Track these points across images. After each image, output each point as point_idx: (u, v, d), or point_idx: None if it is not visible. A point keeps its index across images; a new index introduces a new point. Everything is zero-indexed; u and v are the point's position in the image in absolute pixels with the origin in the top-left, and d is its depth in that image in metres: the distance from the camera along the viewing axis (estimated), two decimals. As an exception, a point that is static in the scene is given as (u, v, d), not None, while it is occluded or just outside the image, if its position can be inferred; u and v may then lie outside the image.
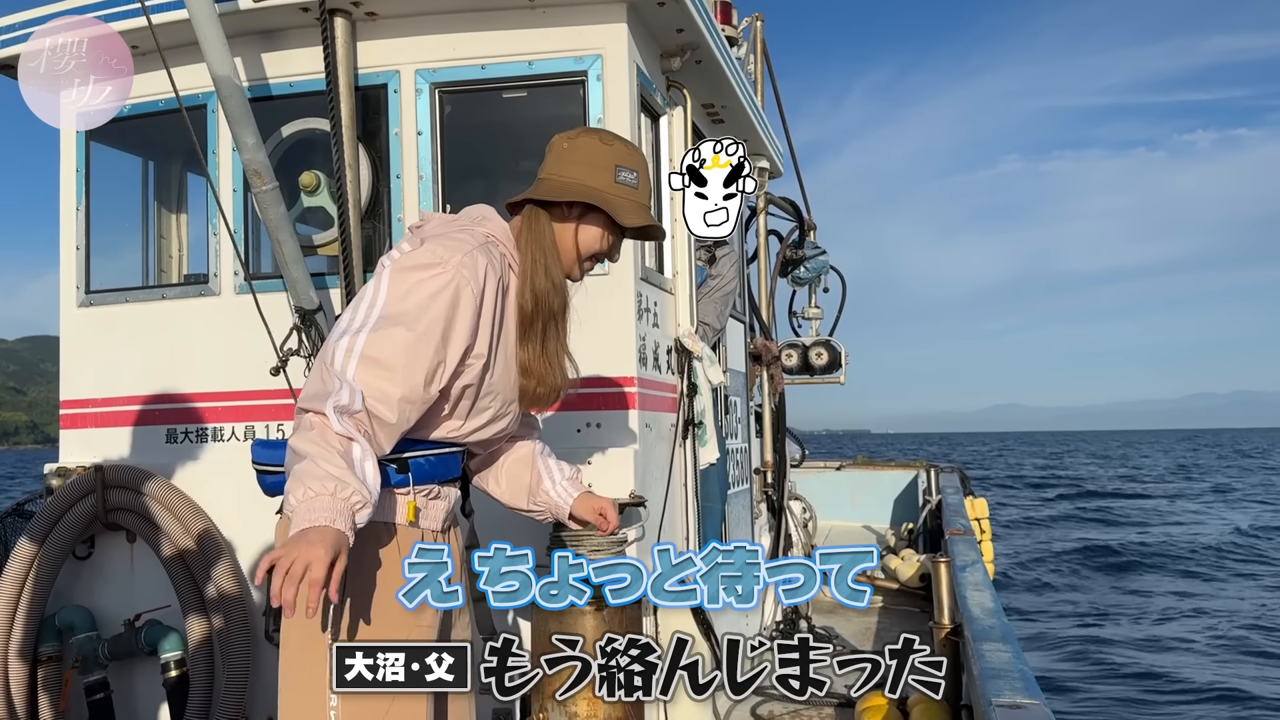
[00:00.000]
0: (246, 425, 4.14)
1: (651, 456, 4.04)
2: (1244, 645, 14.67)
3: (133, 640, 4.06)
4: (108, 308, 4.41)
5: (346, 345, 2.23)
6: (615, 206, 2.50)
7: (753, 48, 6.91)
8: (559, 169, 2.52)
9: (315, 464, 2.09)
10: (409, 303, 2.26)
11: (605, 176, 2.51)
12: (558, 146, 2.56)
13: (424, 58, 3.99)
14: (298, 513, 2.05)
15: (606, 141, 2.56)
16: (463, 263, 2.29)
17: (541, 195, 2.50)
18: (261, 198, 3.58)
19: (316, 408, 2.17)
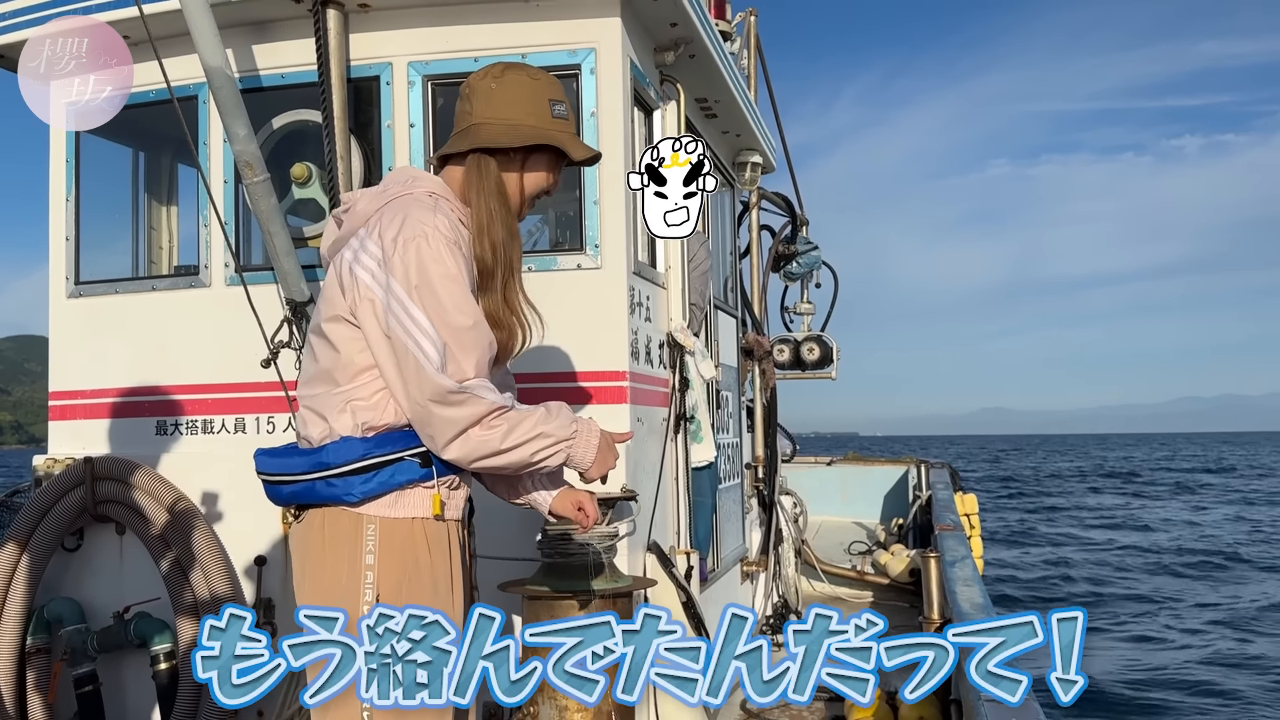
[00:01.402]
0: (237, 417, 4.13)
1: (643, 451, 4.04)
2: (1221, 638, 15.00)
3: (122, 632, 4.05)
4: (97, 299, 4.39)
5: (427, 347, 2.25)
6: (565, 143, 2.49)
7: (746, 43, 6.90)
8: (494, 111, 2.45)
9: (545, 435, 2.35)
10: (445, 290, 2.27)
11: (543, 112, 2.47)
12: (483, 88, 2.47)
13: (417, 50, 3.98)
14: (579, 459, 2.42)
15: (534, 75, 2.51)
16: (437, 224, 2.30)
17: (489, 142, 2.44)
18: (253, 189, 3.56)
19: (471, 419, 2.26)
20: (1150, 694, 11.90)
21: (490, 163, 2.45)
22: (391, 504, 2.36)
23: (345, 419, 2.36)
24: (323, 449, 2.36)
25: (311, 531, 2.39)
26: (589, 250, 3.89)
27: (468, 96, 2.49)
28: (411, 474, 2.36)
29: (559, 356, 3.89)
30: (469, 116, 2.48)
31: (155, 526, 4.00)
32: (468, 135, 2.46)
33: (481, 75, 2.50)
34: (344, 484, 2.33)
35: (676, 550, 4.39)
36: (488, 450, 2.28)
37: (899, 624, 7.22)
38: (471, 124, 2.46)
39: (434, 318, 2.25)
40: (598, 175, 3.88)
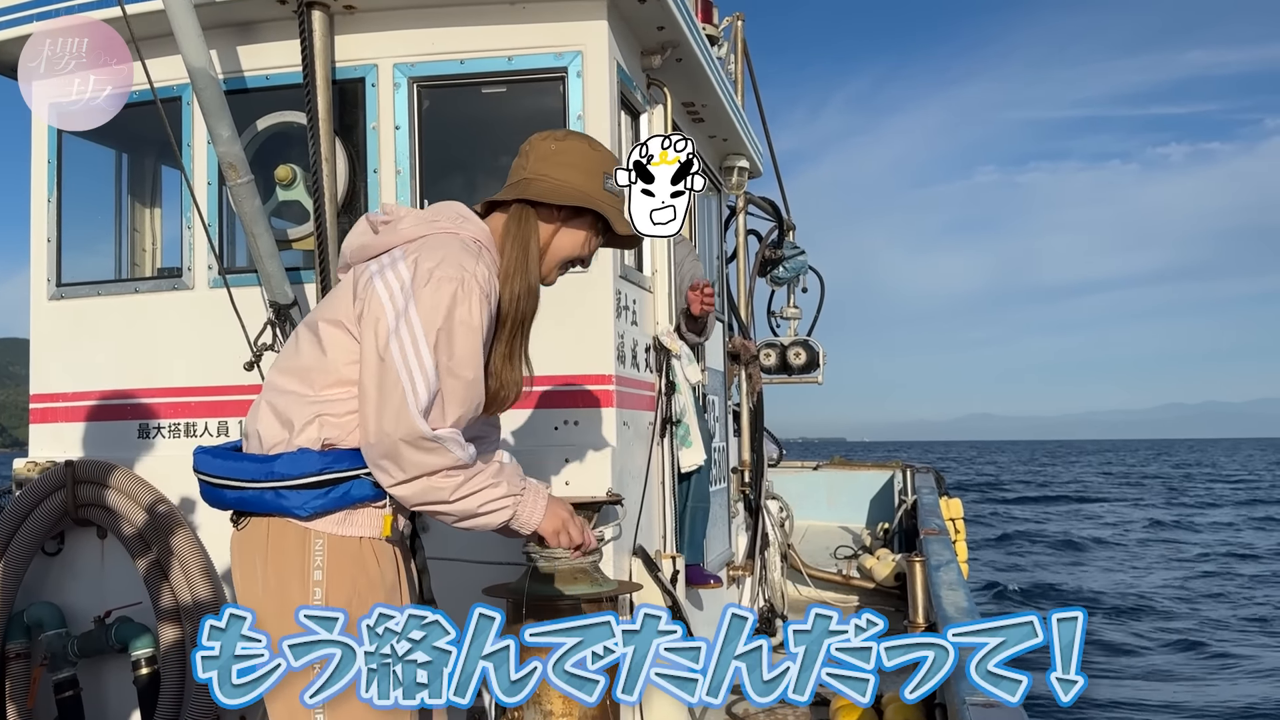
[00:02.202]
0: (220, 420, 4.10)
1: (629, 455, 4.03)
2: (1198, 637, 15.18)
3: (103, 637, 4.01)
4: (79, 301, 4.36)
5: (419, 385, 2.21)
6: (609, 213, 2.51)
7: (733, 47, 6.91)
8: (548, 170, 2.48)
9: (493, 498, 2.30)
10: (460, 341, 2.25)
11: (595, 182, 2.50)
12: (542, 147, 2.51)
13: (402, 52, 3.97)
14: (525, 519, 2.37)
15: (595, 147, 2.56)
16: (476, 273, 2.28)
17: (536, 196, 2.46)
18: (236, 191, 3.54)
19: (432, 468, 2.22)
20: (1133, 693, 12.09)
21: (531, 216, 2.47)
22: (340, 521, 2.32)
23: (310, 431, 2.31)
24: (277, 458, 2.30)
25: (255, 541, 2.35)
26: (575, 253, 3.88)
27: (525, 153, 2.54)
28: (365, 492, 2.31)
29: (545, 360, 3.87)
30: (522, 170, 2.51)
31: (136, 530, 3.97)
32: (516, 187, 2.49)
33: (544, 136, 2.55)
34: (296, 497, 2.28)
35: (662, 554, 4.38)
36: (435, 499, 2.25)
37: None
38: (523, 178, 2.49)
39: (440, 362, 2.22)
40: (584, 178, 3.87)
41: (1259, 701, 11.69)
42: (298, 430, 2.32)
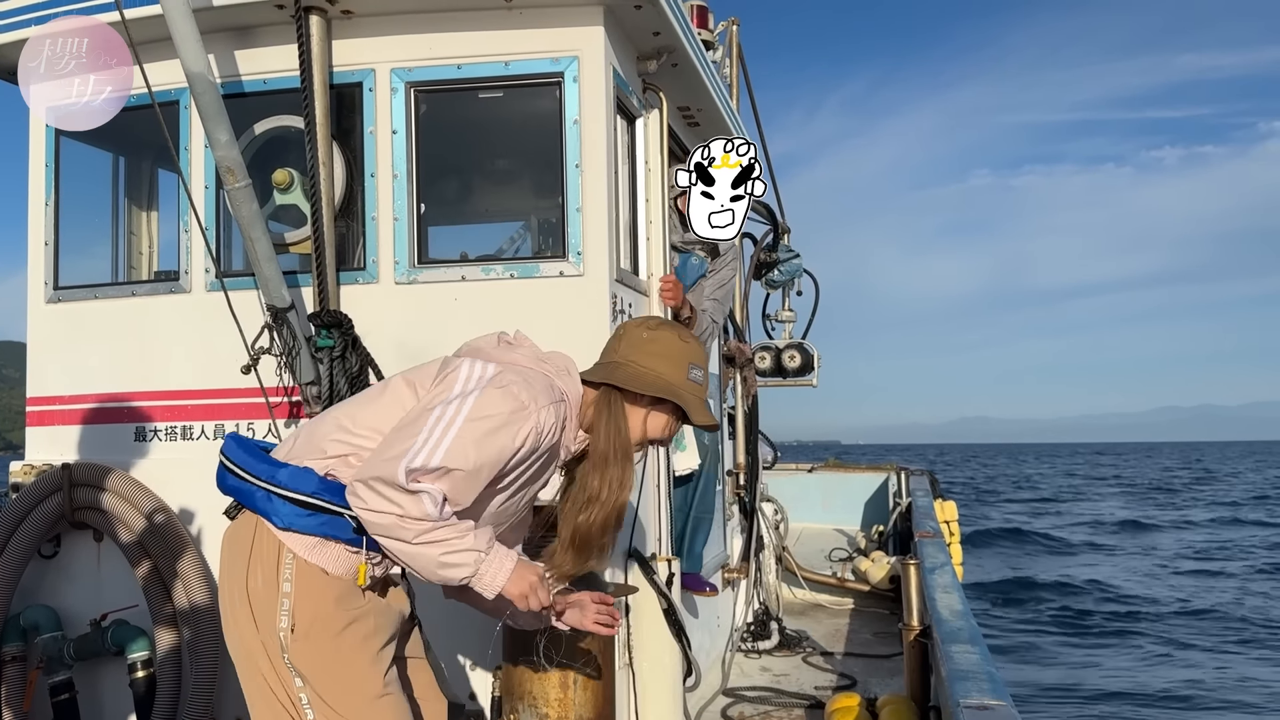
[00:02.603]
0: (216, 424, 4.11)
1: (624, 458, 4.04)
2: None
3: (99, 640, 4.02)
4: (77, 304, 4.36)
5: (428, 449, 2.32)
6: (690, 405, 2.66)
7: (729, 52, 6.93)
8: (638, 358, 2.66)
9: (457, 548, 2.35)
10: (487, 445, 2.35)
11: (681, 373, 2.67)
12: (635, 334, 2.70)
13: (400, 56, 3.98)
14: (489, 579, 2.41)
15: (684, 339, 2.72)
16: (541, 414, 2.43)
17: (624, 384, 2.62)
18: (234, 195, 3.55)
19: (397, 510, 2.30)
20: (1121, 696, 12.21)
21: (619, 400, 2.63)
22: (311, 547, 2.44)
23: (331, 463, 2.44)
24: (285, 467, 2.45)
25: (242, 534, 2.50)
26: (571, 257, 3.90)
27: (619, 336, 2.73)
28: (340, 532, 2.43)
29: (541, 363, 3.89)
30: (614, 354, 2.69)
31: (133, 533, 3.97)
32: (607, 369, 2.67)
33: (638, 323, 2.76)
34: (280, 506, 2.42)
35: (658, 557, 4.39)
36: (397, 535, 2.32)
37: (880, 630, 7.26)
38: (613, 361, 2.67)
39: (457, 447, 2.32)
40: (580, 182, 3.89)
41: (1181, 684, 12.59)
42: (323, 456, 2.46)
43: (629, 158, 4.41)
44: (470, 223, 5.82)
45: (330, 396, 3.77)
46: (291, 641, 2.40)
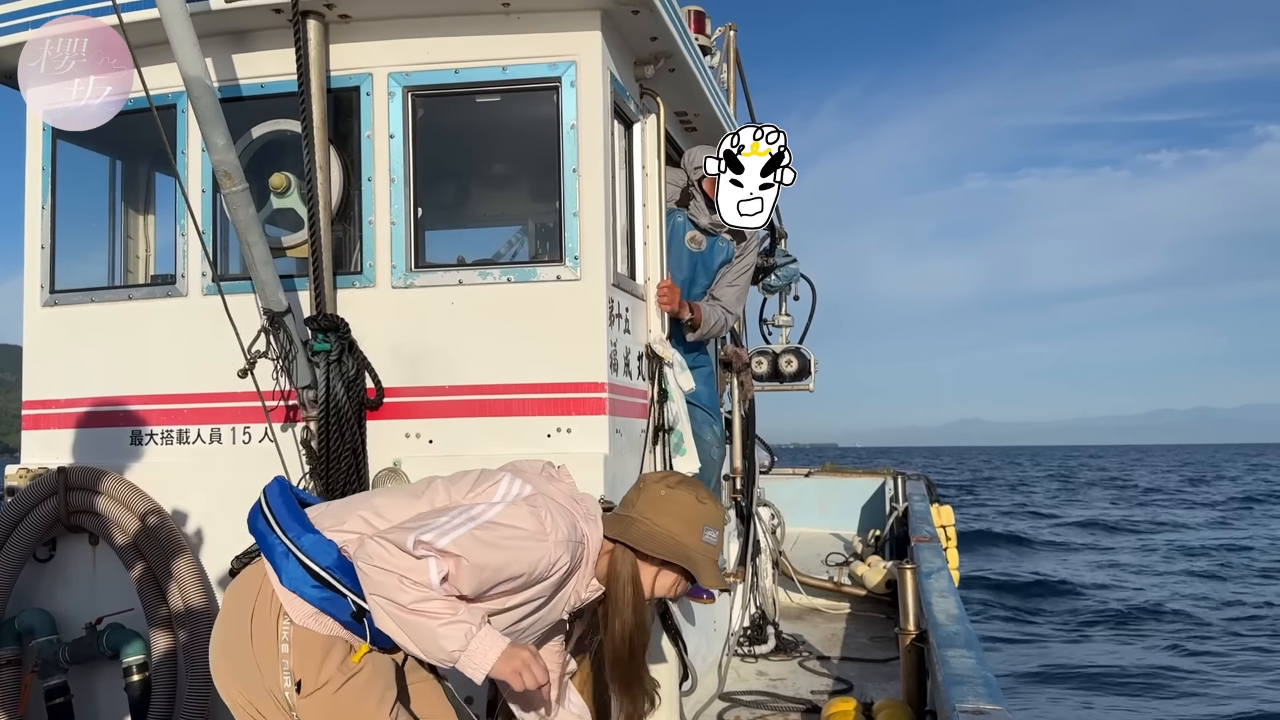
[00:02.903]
0: (212, 428, 4.11)
1: (622, 463, 4.05)
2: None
3: (94, 644, 4.01)
4: (73, 308, 4.36)
5: (441, 530, 2.40)
6: (700, 569, 2.70)
7: (726, 57, 6.94)
8: (654, 515, 2.70)
9: (449, 620, 2.37)
10: (495, 552, 2.41)
11: (695, 535, 2.70)
12: (654, 490, 2.74)
13: (397, 61, 3.98)
14: (479, 658, 2.41)
15: (701, 499, 2.75)
16: (556, 548, 2.49)
17: (637, 543, 2.66)
18: (231, 199, 3.55)
19: (399, 570, 2.36)
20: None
21: (630, 557, 2.68)
22: (308, 615, 2.48)
23: (349, 538, 2.50)
24: (311, 533, 2.49)
25: (248, 586, 2.54)
26: (568, 261, 3.90)
27: (640, 488, 2.79)
28: (340, 613, 2.48)
29: (538, 367, 3.90)
30: (632, 507, 2.74)
31: (128, 537, 3.97)
32: (623, 525, 2.71)
33: (659, 478, 2.80)
34: (292, 568, 2.46)
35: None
36: (395, 597, 2.35)
37: (876, 635, 7.25)
38: (630, 516, 2.71)
39: (474, 536, 2.38)
40: (578, 187, 3.90)
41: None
42: (342, 527, 2.52)
43: (626, 163, 4.41)
44: (467, 227, 5.82)
45: (327, 400, 3.77)
46: (298, 700, 2.46)
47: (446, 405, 3.94)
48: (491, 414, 3.91)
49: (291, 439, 3.92)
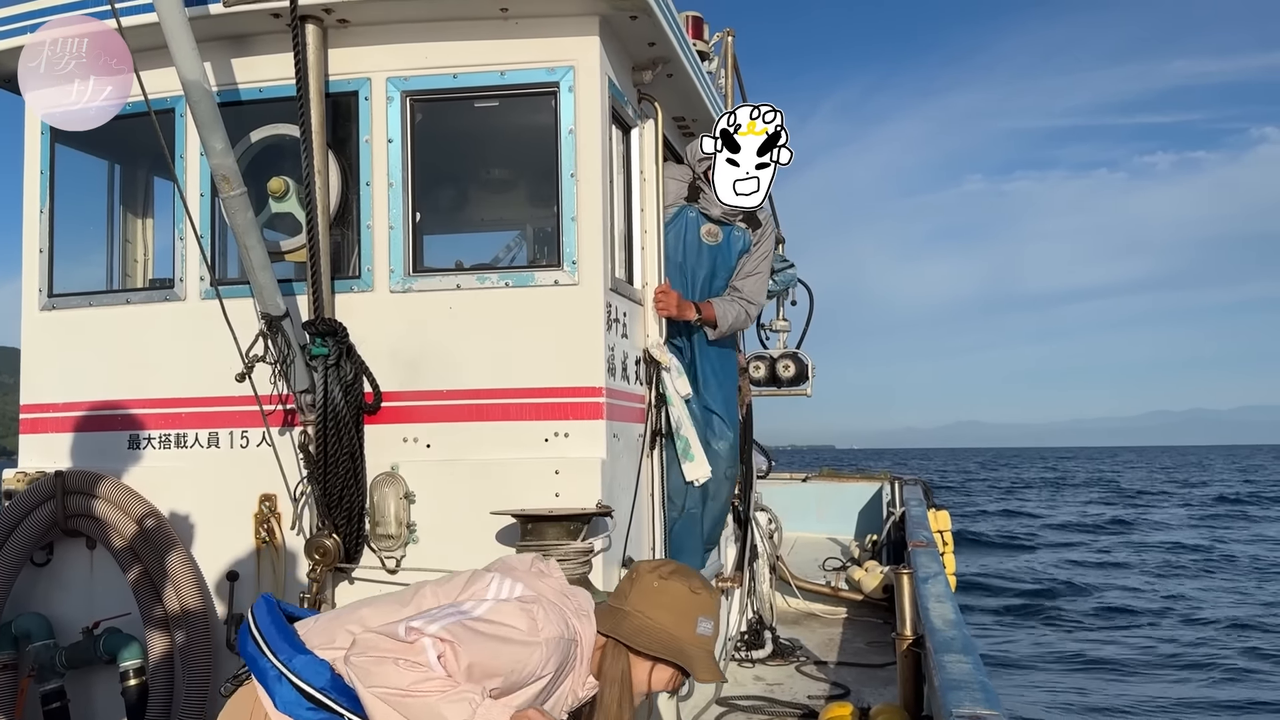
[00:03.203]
0: (210, 432, 4.11)
1: (619, 467, 4.05)
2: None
3: (91, 648, 4.00)
4: (71, 311, 4.36)
5: (430, 619, 2.36)
6: (695, 664, 2.64)
7: (724, 62, 6.96)
8: (646, 609, 2.63)
9: (455, 699, 2.28)
10: (484, 647, 2.35)
11: (689, 628, 2.64)
12: (647, 582, 2.67)
13: (396, 65, 3.99)
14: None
15: (694, 590, 2.68)
16: (547, 648, 2.43)
17: (630, 639, 2.61)
18: (229, 203, 3.56)
19: (394, 655, 2.30)
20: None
21: (624, 654, 2.62)
22: None
23: (339, 654, 2.43)
24: (303, 653, 2.44)
25: (242, 707, 2.47)
26: (566, 266, 3.91)
27: (633, 579, 2.70)
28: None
29: (536, 372, 3.90)
30: (625, 599, 2.67)
31: (125, 541, 3.97)
32: (616, 619, 2.64)
33: (652, 568, 2.72)
34: (285, 691, 2.40)
35: (651, 566, 4.39)
36: (395, 684, 2.28)
37: (873, 639, 7.23)
38: (623, 610, 2.65)
39: (464, 628, 2.33)
40: (575, 192, 3.90)
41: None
42: (332, 645, 2.46)
43: (624, 167, 4.42)
44: (465, 232, 5.83)
45: (324, 405, 3.77)
46: None
47: (444, 410, 3.94)
48: (489, 418, 3.91)
49: (289, 443, 3.92)
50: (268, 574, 3.98)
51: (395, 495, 3.86)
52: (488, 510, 3.68)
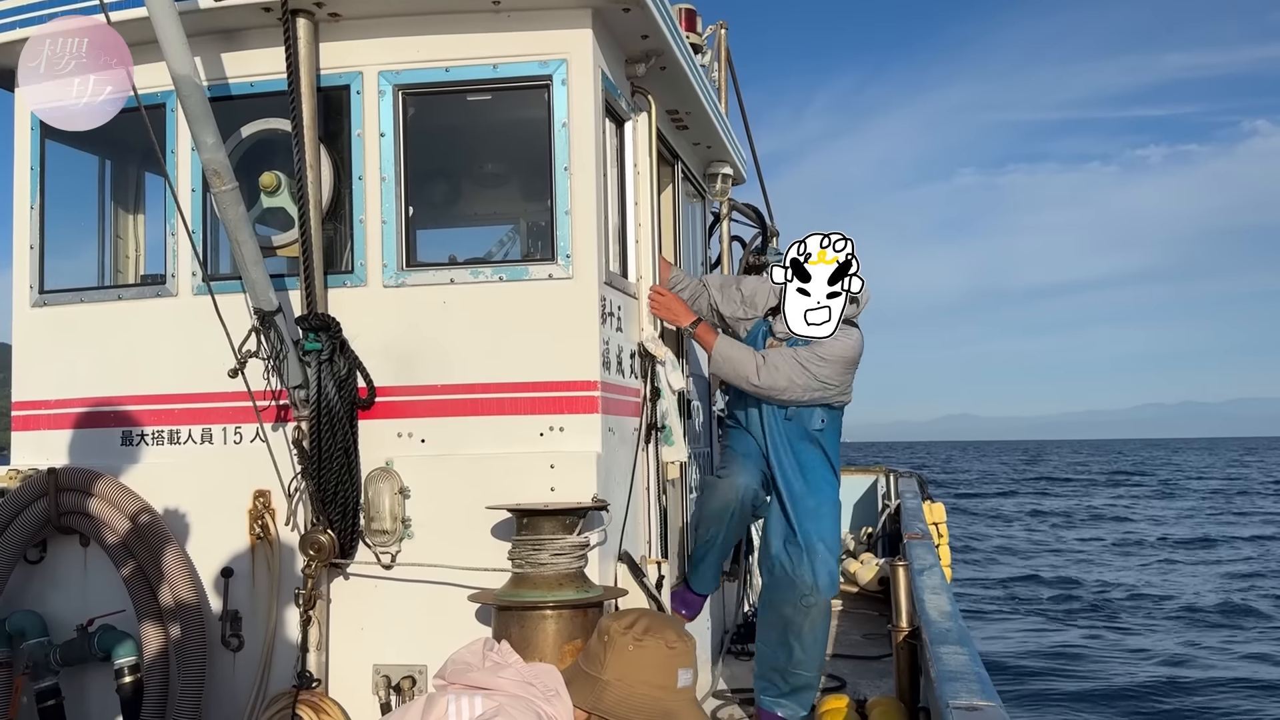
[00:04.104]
0: (204, 428, 4.10)
1: (614, 460, 4.05)
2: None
3: (85, 646, 3.99)
4: (63, 308, 4.34)
5: None
6: (681, 718, 2.54)
7: (717, 55, 6.94)
8: (625, 676, 2.51)
9: None
10: None
11: (671, 684, 2.53)
12: (621, 645, 2.53)
13: (387, 59, 3.97)
14: None
15: (671, 644, 2.56)
16: None
17: (613, 712, 2.50)
18: (221, 198, 3.54)
19: None
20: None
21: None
22: None
23: None
24: None
25: None
26: (560, 260, 3.90)
27: (605, 644, 2.54)
28: None
29: (530, 366, 3.89)
30: (600, 666, 2.52)
31: (119, 538, 3.95)
32: (596, 693, 2.51)
33: (624, 629, 2.55)
34: None
35: (647, 560, 4.39)
36: None
37: (869, 632, 7.24)
38: (601, 679, 2.51)
39: None
40: (569, 185, 3.89)
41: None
42: None
43: (618, 161, 4.41)
44: (459, 226, 5.82)
45: (318, 400, 3.76)
46: None
47: (439, 404, 3.93)
48: (484, 413, 3.90)
49: (283, 439, 3.91)
50: (262, 570, 3.97)
51: (390, 490, 3.85)
52: (483, 505, 3.67)
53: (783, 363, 4.40)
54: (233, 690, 3.96)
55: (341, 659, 3.89)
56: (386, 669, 3.85)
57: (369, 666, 3.87)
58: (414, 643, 3.82)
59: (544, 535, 3.53)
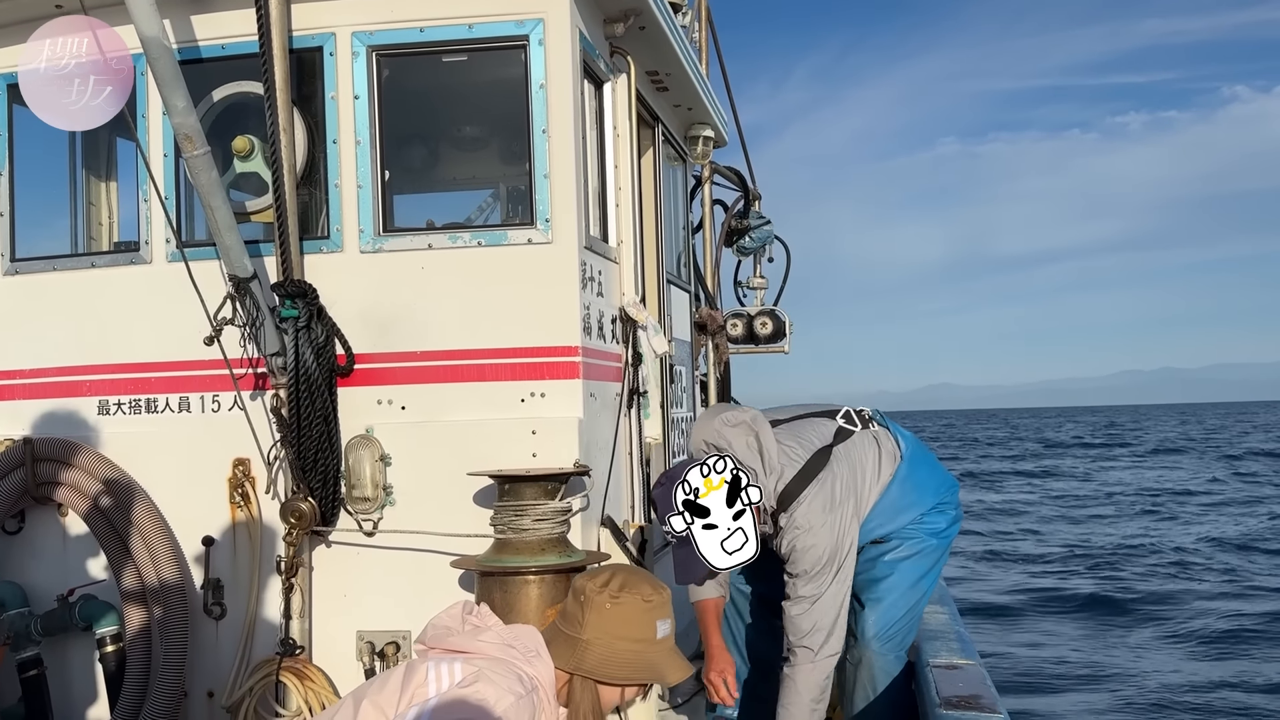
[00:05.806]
0: (180, 396, 4.06)
1: (596, 426, 4.04)
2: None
3: (67, 616, 3.97)
4: (35, 276, 4.28)
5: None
6: (665, 671, 2.58)
7: (697, 15, 6.87)
8: (605, 635, 2.53)
9: None
10: None
11: (650, 635, 2.56)
12: (599, 604, 2.54)
13: (361, 19, 3.90)
14: None
15: (647, 597, 2.58)
16: (506, 713, 2.32)
17: (595, 675, 2.52)
18: (193, 163, 3.48)
19: None
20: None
21: (590, 689, 2.53)
22: None
23: None
24: None
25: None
26: (540, 225, 3.86)
27: (581, 603, 2.56)
28: None
29: (511, 332, 3.86)
30: (579, 627, 2.54)
31: (98, 508, 3.92)
32: (577, 653, 2.52)
33: (600, 587, 2.56)
34: None
35: (629, 524, 4.40)
36: None
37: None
38: (581, 639, 2.53)
39: None
40: (548, 148, 3.84)
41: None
42: None
43: (597, 123, 4.36)
44: (437, 190, 5.76)
45: (296, 368, 3.72)
46: None
47: (419, 371, 3.91)
48: (465, 379, 3.88)
49: (261, 407, 3.88)
50: (243, 538, 3.96)
51: (370, 458, 3.83)
52: (464, 471, 3.66)
53: (802, 659, 3.73)
54: (216, 659, 3.95)
55: (325, 626, 3.89)
56: (370, 635, 3.85)
57: (352, 633, 3.87)
58: (397, 609, 3.82)
59: (526, 501, 3.52)
